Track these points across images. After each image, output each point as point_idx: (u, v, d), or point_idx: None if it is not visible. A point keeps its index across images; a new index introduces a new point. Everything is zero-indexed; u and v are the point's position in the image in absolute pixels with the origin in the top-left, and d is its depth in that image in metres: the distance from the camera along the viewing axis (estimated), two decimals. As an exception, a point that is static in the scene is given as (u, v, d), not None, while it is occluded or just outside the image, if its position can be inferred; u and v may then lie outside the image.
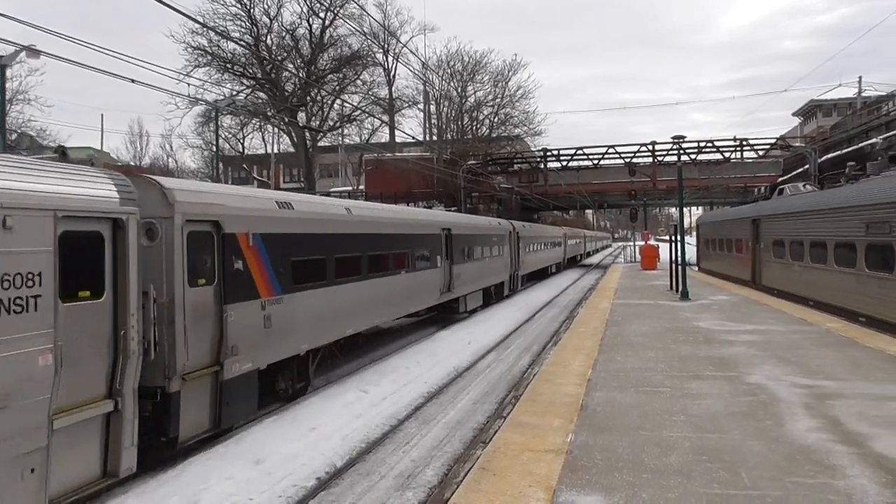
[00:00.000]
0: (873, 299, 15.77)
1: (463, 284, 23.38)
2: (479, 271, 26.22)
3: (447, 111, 62.00)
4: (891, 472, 6.02)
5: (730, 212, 38.56)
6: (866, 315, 16.00)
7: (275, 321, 11.26)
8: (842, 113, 62.84)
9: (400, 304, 18.10)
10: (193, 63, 45.42)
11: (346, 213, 15.04)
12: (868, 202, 16.51)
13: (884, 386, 9.14)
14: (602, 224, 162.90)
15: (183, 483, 8.70)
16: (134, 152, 79.38)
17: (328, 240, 13.60)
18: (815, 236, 19.84)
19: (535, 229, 43.38)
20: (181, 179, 17.73)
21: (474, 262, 25.30)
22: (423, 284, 19.78)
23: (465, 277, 23.54)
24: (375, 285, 15.98)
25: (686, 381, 9.75)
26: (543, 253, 44.86)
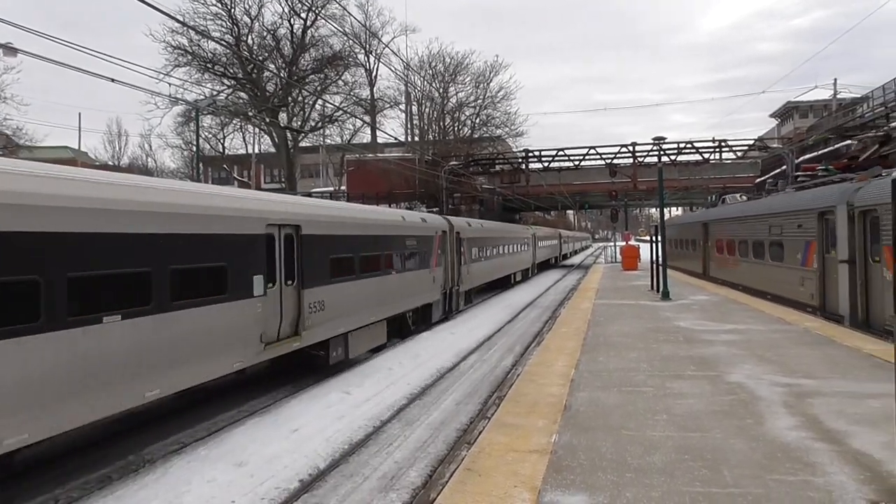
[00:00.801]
0: (774, 281, 21.21)
1: (331, 319, 14.33)
2: (375, 292, 16.98)
3: (429, 112, 62.07)
4: (869, 468, 6.10)
5: (687, 217, 47.21)
6: (771, 293, 21.28)
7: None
8: (818, 114, 63.77)
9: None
10: (173, 63, 44.95)
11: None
12: (770, 211, 21.97)
13: (861, 384, 9.27)
14: (583, 224, 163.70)
15: (164, 486, 8.63)
16: (112, 152, 78.74)
17: None
18: (742, 237, 25.29)
19: (489, 228, 34.02)
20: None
21: (362, 279, 16.09)
22: (206, 333, 10.32)
23: (335, 306, 14.50)
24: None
25: (668, 381, 9.82)
26: (502, 259, 36.18)
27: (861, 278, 15.52)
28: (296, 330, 13.02)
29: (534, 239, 49.29)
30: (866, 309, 15.44)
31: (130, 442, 10.50)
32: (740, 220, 26.05)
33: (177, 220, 9.73)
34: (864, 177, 17.22)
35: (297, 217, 13.38)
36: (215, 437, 10.57)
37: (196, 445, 10.23)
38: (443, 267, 23.50)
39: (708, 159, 49.62)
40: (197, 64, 46.73)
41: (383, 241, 17.82)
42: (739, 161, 50.57)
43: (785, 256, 20.25)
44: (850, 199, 16.02)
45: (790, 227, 19.77)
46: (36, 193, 7.57)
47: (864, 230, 15.57)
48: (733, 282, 26.23)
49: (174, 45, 44.96)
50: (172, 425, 11.34)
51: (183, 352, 9.73)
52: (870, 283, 15.19)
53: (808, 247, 18.41)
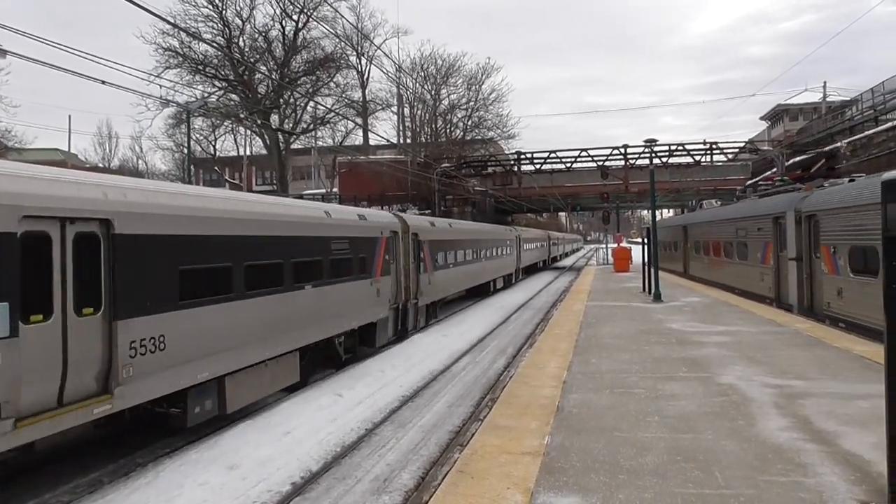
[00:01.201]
0: (741, 278, 24.32)
1: (185, 362, 9.85)
2: (277, 315, 12.44)
3: (421, 114, 62.09)
4: (859, 469, 6.14)
5: (670, 220, 49.15)
6: (738, 288, 24.16)
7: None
8: (808, 117, 64.11)
9: None
10: (164, 64, 44.89)
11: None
12: (736, 216, 25.49)
13: (851, 385, 9.33)
14: (575, 227, 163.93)
15: (155, 489, 8.59)
16: (103, 154, 78.31)
17: None
18: (715, 239, 28.48)
19: (461, 230, 29.00)
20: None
21: (249, 298, 11.53)
22: None
23: (192, 341, 10.02)
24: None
25: (660, 383, 9.85)
26: (478, 265, 31.26)
27: (806, 273, 18.12)
28: (104, 385, 8.44)
29: (518, 241, 44.64)
30: (810, 298, 17.89)
31: (122, 445, 10.45)
32: (713, 223, 29.32)
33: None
34: (810, 187, 19.98)
35: (105, 207, 8.56)
36: (207, 440, 10.52)
37: (187, 448, 10.18)
38: (392, 276, 18.83)
39: (699, 161, 49.82)
40: (188, 66, 46.69)
41: (290, 245, 13.08)
42: (730, 163, 50.79)
43: (749, 255, 23.35)
44: (798, 206, 18.62)
45: (752, 230, 22.73)
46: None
47: (808, 232, 18.03)
48: (709, 279, 29.06)
49: (165, 46, 44.95)
50: (164, 428, 11.26)
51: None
52: (813, 277, 17.82)
53: (766, 247, 21.34)
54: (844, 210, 15.84)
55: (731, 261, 25.68)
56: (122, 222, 8.74)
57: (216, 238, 10.76)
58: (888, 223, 4.57)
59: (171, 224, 9.70)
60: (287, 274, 12.89)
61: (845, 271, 15.58)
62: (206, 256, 10.52)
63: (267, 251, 12.23)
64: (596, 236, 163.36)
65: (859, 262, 15.01)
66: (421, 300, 21.62)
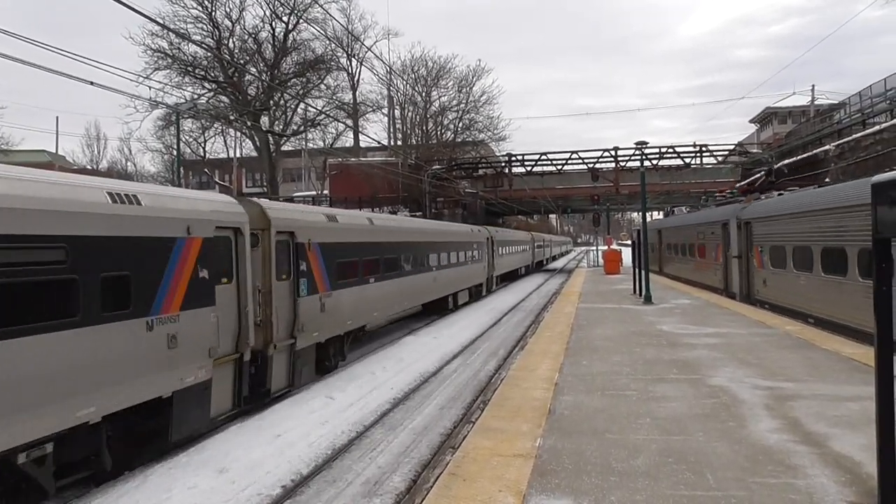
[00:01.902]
0: (701, 273, 29.00)
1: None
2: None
3: (412, 116, 62.11)
4: (849, 471, 6.16)
5: (649, 224, 54.81)
6: (699, 282, 28.55)
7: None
8: (796, 120, 64.55)
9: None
10: (153, 66, 44.66)
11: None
12: (697, 222, 30.63)
13: (840, 387, 9.37)
14: (566, 229, 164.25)
15: (144, 493, 8.53)
16: (91, 156, 77.88)
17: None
18: (681, 241, 33.38)
19: (385, 228, 20.22)
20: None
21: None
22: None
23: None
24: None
25: (651, 385, 9.87)
26: (426, 277, 23.91)
27: (744, 267, 22.53)
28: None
29: (490, 243, 36.55)
30: (748, 287, 22.27)
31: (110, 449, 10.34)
32: (681, 228, 34.35)
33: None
34: (749, 199, 24.12)
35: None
36: (196, 444, 10.45)
37: (177, 452, 10.10)
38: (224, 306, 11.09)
39: (689, 164, 50.08)
40: (177, 67, 46.48)
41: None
42: (720, 166, 51.07)
43: (706, 254, 28.03)
44: (739, 214, 23.06)
45: (708, 234, 27.47)
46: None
47: (745, 236, 22.18)
48: (678, 276, 33.57)
49: (154, 48, 44.70)
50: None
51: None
52: (750, 271, 22.04)
53: (718, 247, 25.87)
54: (766, 219, 20.23)
55: (694, 259, 30.86)
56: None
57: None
58: (878, 226, 4.59)
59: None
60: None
61: (768, 266, 19.97)
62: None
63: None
64: (586, 238, 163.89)
65: (777, 258, 19.23)
66: (303, 339, 13.80)
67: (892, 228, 4.51)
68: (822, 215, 16.07)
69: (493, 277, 37.92)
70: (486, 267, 35.87)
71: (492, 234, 37.68)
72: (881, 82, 36.29)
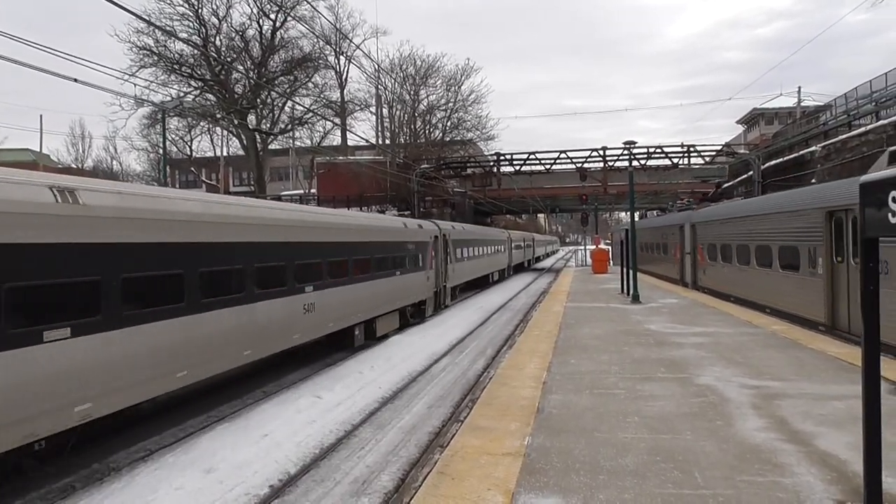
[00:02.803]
0: (664, 268, 34.32)
1: None
2: None
3: (400, 114, 62.04)
4: (835, 469, 6.20)
5: (624, 226, 66.18)
6: (662, 275, 34.13)
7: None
8: (783, 121, 65.01)
9: None
10: (139, 63, 44.28)
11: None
12: (662, 224, 36.47)
13: (826, 386, 9.44)
14: (554, 228, 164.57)
15: (130, 494, 8.44)
16: (76, 154, 77.27)
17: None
18: (651, 240, 38.47)
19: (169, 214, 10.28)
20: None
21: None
22: None
23: None
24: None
25: (639, 383, 9.90)
26: (290, 303, 14.02)
27: (692, 262, 28.21)
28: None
29: (444, 243, 28.13)
30: (694, 278, 27.95)
31: (95, 450, 10.26)
32: (650, 229, 39.56)
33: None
34: (699, 206, 30.76)
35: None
36: (183, 444, 10.38)
37: (163, 452, 10.03)
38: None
39: (677, 164, 50.33)
40: (163, 65, 46.09)
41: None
42: (707, 166, 51.36)
43: (668, 252, 33.28)
44: (690, 219, 28.69)
45: (670, 234, 32.64)
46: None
47: (693, 236, 27.84)
48: (648, 270, 37.21)
49: (140, 45, 44.31)
50: (139, 432, 11.09)
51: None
52: (696, 265, 27.67)
53: (676, 246, 31.05)
54: (705, 223, 26.24)
55: (659, 255, 36.17)
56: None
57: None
58: (866, 225, 4.61)
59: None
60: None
61: (707, 259, 25.73)
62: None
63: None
64: (575, 238, 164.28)
65: (711, 254, 25.04)
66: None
67: (879, 228, 4.53)
68: (737, 221, 21.85)
69: (449, 289, 29.65)
70: (435, 277, 26.82)
71: (447, 233, 28.92)
72: (866, 84, 36.61)
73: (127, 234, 9.22)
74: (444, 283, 28.25)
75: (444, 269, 28.20)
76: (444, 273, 28.13)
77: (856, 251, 13.70)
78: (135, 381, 9.30)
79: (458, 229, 32.73)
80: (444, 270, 28.10)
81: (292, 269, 14.11)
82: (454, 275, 30.21)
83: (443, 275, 28.01)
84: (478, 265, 37.02)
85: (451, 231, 30.21)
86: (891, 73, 33.87)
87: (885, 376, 8.76)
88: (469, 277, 34.74)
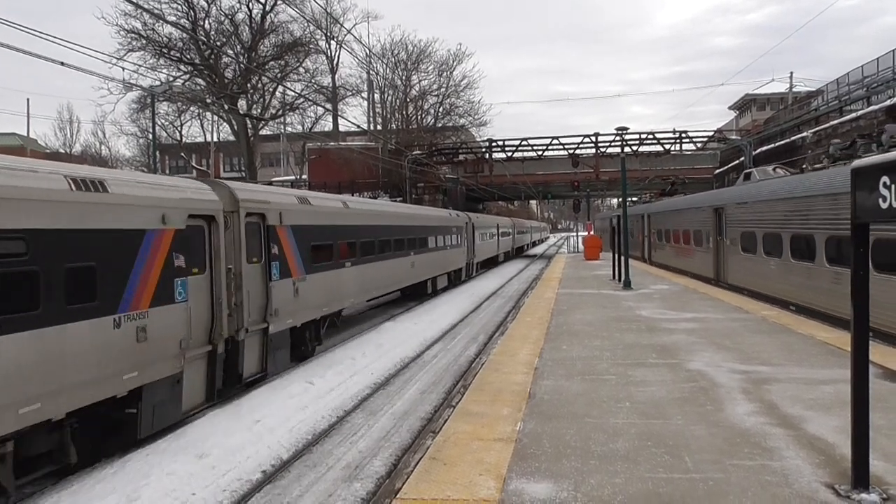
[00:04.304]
0: (632, 249, 32.49)
1: None
2: None
3: (392, 100, 61.73)
4: (823, 452, 6.26)
5: (605, 214, 68.00)
6: (633, 255, 31.59)
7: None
8: (775, 107, 65.10)
9: None
10: (127, 47, 43.75)
11: None
12: (632, 214, 37.29)
13: (816, 370, 9.52)
14: (546, 215, 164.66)
15: (122, 479, 8.44)
16: (63, 139, 76.63)
17: None
18: (632, 227, 39.76)
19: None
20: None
21: None
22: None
23: None
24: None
25: (630, 369, 9.94)
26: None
27: (648, 244, 36.21)
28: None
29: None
30: (650, 255, 35.91)
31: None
32: (631, 217, 42.99)
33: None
34: (656, 200, 39.74)
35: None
36: (175, 430, 10.37)
37: (155, 438, 10.02)
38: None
39: (669, 150, 50.36)
40: (152, 49, 45.56)
41: None
42: (699, 153, 51.42)
43: (635, 236, 38.80)
44: (648, 210, 37.43)
45: (635, 222, 38.81)
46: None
47: (648, 224, 36.11)
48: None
49: (127, 28, 43.75)
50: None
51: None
52: (651, 245, 35.33)
53: (638, 233, 39.66)
54: (656, 214, 34.85)
55: (631, 239, 37.84)
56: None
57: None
58: (857, 210, 4.62)
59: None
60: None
61: (656, 241, 34.30)
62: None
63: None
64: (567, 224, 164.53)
65: (660, 237, 33.65)
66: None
67: (870, 213, 4.55)
68: (674, 213, 30.59)
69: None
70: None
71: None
72: (858, 70, 36.67)
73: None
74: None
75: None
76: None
77: (725, 234, 22.13)
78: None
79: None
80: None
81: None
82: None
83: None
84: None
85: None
86: (882, 58, 33.93)
87: (874, 360, 8.83)
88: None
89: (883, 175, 4.31)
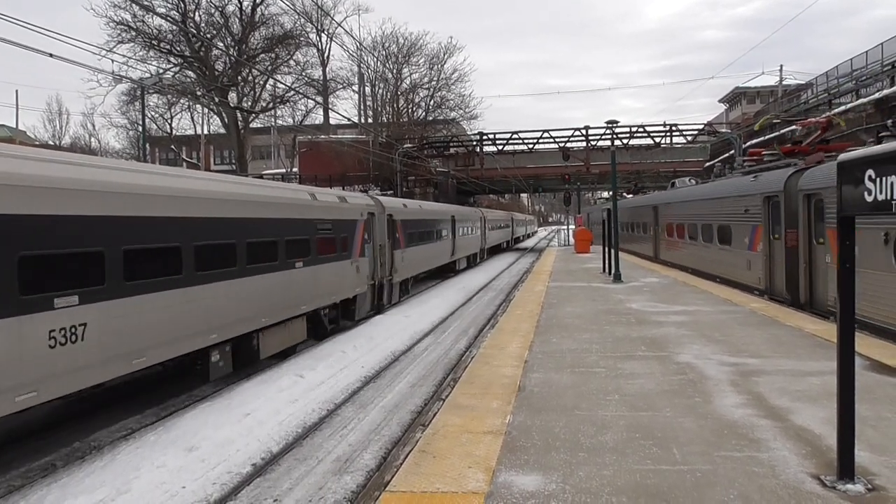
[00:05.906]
0: (637, 245, 37.17)
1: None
2: None
3: (382, 93, 61.53)
4: (809, 443, 6.30)
5: (597, 207, 67.86)
6: (636, 252, 36.68)
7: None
8: (765, 100, 65.41)
9: None
10: (116, 39, 43.30)
11: None
12: (629, 206, 40.23)
13: (803, 362, 9.58)
14: (537, 208, 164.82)
15: (111, 472, 8.42)
16: (53, 131, 75.98)
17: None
18: (624, 220, 40.18)
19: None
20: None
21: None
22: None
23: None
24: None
25: (620, 362, 9.98)
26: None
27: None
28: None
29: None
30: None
31: (76, 429, 10.22)
32: (599, 212, 43.13)
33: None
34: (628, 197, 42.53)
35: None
36: (165, 423, 10.36)
37: (145, 431, 10.01)
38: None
39: (659, 143, 50.47)
40: (141, 41, 45.13)
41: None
42: (689, 146, 51.57)
43: (640, 230, 38.06)
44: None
45: (644, 215, 37.93)
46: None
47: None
48: (621, 246, 45.03)
49: (117, 20, 43.33)
50: (120, 411, 11.06)
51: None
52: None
53: (650, 226, 36.14)
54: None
55: (630, 234, 39.78)
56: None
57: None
58: (843, 203, 4.65)
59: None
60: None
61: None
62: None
63: None
64: (557, 217, 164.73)
65: (626, 228, 37.70)
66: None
67: (855, 207, 4.57)
68: (630, 209, 37.95)
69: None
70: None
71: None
72: (847, 63, 36.83)
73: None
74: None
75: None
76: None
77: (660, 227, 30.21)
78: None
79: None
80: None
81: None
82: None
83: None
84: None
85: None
86: (871, 51, 34.08)
87: (860, 352, 8.91)
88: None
89: (868, 168, 4.33)
